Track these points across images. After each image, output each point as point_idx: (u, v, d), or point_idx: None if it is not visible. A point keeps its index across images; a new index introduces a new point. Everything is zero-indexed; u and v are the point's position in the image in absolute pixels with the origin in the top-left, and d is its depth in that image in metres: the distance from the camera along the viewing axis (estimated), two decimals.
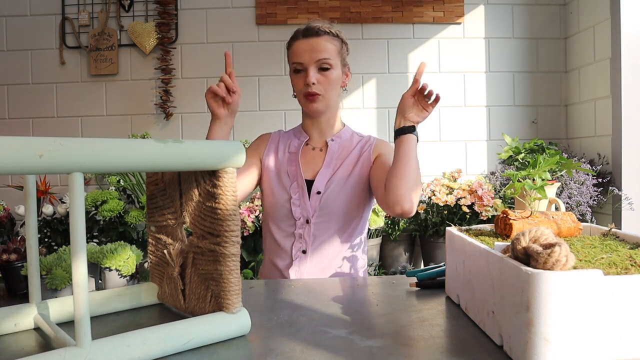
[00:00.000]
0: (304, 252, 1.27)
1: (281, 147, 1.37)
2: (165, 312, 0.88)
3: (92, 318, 0.80)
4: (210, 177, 0.75)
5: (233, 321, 0.73)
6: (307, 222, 1.27)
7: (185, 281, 0.83)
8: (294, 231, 1.28)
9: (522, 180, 0.92)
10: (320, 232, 1.27)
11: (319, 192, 1.28)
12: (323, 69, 1.27)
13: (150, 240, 0.92)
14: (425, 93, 1.19)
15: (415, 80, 1.20)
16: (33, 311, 0.77)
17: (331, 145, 1.35)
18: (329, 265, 1.28)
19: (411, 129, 1.20)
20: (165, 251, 0.86)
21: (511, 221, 0.81)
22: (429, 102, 1.22)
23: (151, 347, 0.64)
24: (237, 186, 0.73)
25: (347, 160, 1.33)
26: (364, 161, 1.32)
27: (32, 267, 0.75)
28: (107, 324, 0.81)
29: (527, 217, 0.82)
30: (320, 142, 1.37)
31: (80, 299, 0.58)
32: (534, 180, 0.90)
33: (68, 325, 0.79)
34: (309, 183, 1.30)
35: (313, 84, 1.26)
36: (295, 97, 1.36)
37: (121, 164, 0.61)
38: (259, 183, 1.37)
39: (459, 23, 2.57)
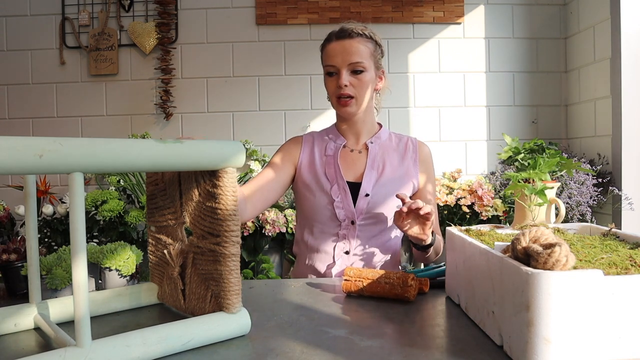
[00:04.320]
0: (347, 252, 1.27)
1: (317, 150, 1.36)
2: (165, 312, 0.88)
3: (93, 318, 0.80)
4: (210, 177, 0.74)
5: (233, 321, 0.73)
6: (352, 223, 1.27)
7: (185, 281, 0.83)
8: (338, 232, 1.28)
9: (522, 181, 0.92)
10: (364, 233, 1.28)
11: (367, 195, 1.27)
12: (356, 71, 1.26)
13: (150, 240, 0.92)
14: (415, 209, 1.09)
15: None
16: (33, 311, 0.77)
17: (372, 147, 1.34)
18: (371, 263, 1.29)
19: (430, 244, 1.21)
20: (165, 251, 0.86)
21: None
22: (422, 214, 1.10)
23: (151, 347, 0.64)
24: (256, 189, 0.74)
25: (391, 161, 1.33)
26: (410, 162, 1.34)
27: (32, 267, 0.75)
28: (107, 324, 0.81)
29: None
30: (358, 144, 1.36)
31: (80, 299, 0.58)
32: (533, 181, 0.90)
33: (68, 325, 0.79)
34: (350, 185, 1.29)
35: (345, 86, 1.25)
36: (329, 100, 1.34)
37: (121, 164, 0.61)
38: (293, 187, 1.37)
39: (459, 23, 2.57)
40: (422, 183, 1.35)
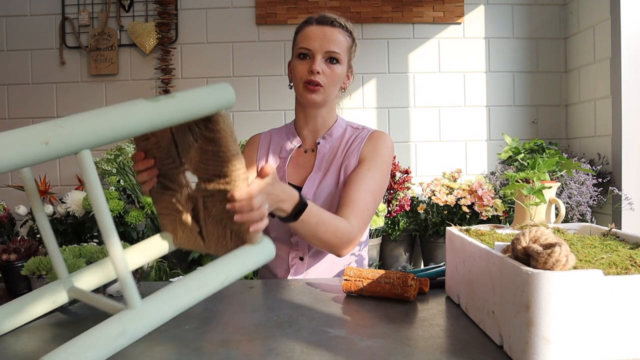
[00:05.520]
0: (302, 259, 1.23)
1: (271, 152, 1.30)
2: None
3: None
4: (205, 123, 0.74)
5: (259, 251, 0.78)
6: None
7: (201, 224, 0.84)
8: (290, 238, 1.23)
9: (520, 181, 0.92)
10: None
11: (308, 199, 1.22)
12: (331, 60, 1.20)
13: (154, 194, 0.90)
14: None
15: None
16: (65, 286, 0.78)
17: (320, 147, 1.27)
18: (327, 269, 1.25)
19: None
20: (173, 200, 0.85)
21: None
22: None
23: (195, 293, 0.68)
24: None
25: (336, 160, 1.24)
26: (352, 159, 1.22)
27: (51, 245, 0.75)
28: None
29: None
30: (311, 142, 1.29)
31: (121, 267, 0.60)
32: (531, 181, 0.90)
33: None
34: (297, 189, 1.20)
35: (318, 72, 1.18)
36: (291, 87, 1.27)
37: (122, 131, 0.60)
38: None
39: (459, 23, 2.57)
40: (353, 167, 1.21)
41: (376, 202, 1.21)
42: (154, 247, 0.89)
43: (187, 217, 0.84)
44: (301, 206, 0.98)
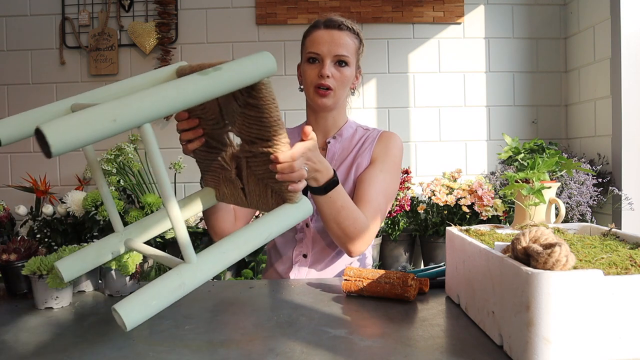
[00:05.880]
0: (305, 256, 1.25)
1: None
2: None
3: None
4: (248, 90, 0.78)
5: (298, 209, 0.84)
6: (307, 225, 1.25)
7: (244, 181, 0.90)
8: (295, 235, 1.26)
9: (520, 181, 0.92)
10: (320, 236, 1.24)
11: None
12: (340, 63, 1.22)
13: (197, 153, 0.95)
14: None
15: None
16: (120, 239, 0.88)
17: (330, 146, 1.30)
18: (330, 268, 1.26)
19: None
20: (219, 158, 0.91)
21: None
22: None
23: (242, 248, 0.74)
24: None
25: (347, 160, 1.28)
26: (364, 158, 1.26)
27: (108, 201, 0.86)
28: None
29: None
30: (321, 142, 1.31)
31: (180, 227, 0.67)
32: (531, 182, 0.90)
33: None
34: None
35: (328, 76, 1.20)
36: (301, 90, 1.29)
37: (179, 103, 0.65)
38: None
39: (459, 23, 2.57)
40: (365, 166, 1.25)
41: (388, 203, 1.24)
42: (200, 201, 0.96)
43: (232, 175, 0.90)
44: (333, 182, 1.04)
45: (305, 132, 0.92)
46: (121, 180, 2.25)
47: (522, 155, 1.00)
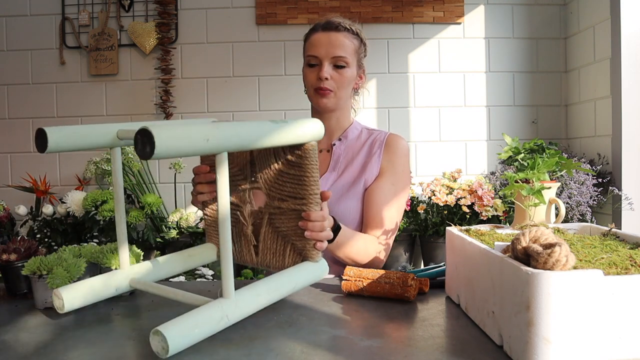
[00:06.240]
0: None
1: None
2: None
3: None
4: (294, 149, 0.86)
5: (318, 267, 0.88)
6: None
7: (260, 239, 0.94)
8: None
9: (519, 182, 0.92)
10: None
11: None
12: (338, 66, 1.23)
13: (208, 205, 0.99)
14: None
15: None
16: (126, 276, 0.88)
17: (336, 148, 1.30)
18: (337, 269, 1.26)
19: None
20: (238, 212, 0.94)
21: None
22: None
23: (272, 293, 0.79)
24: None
25: (354, 163, 1.28)
26: (373, 165, 1.26)
27: (122, 235, 0.88)
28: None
29: None
30: (326, 143, 1.32)
31: (227, 262, 0.71)
32: (531, 182, 0.90)
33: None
34: None
35: (326, 79, 1.22)
36: (306, 92, 1.30)
37: (252, 142, 0.72)
38: None
39: (459, 23, 2.57)
40: (375, 176, 1.26)
41: (401, 213, 1.28)
42: (199, 256, 0.99)
43: (247, 231, 0.94)
44: (337, 228, 1.06)
45: (326, 195, 0.92)
46: None
47: (522, 155, 1.00)
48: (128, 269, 0.89)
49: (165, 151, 0.58)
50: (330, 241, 1.03)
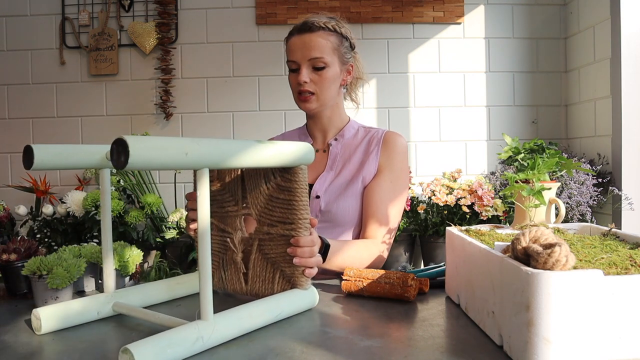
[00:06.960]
0: None
1: None
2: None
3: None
4: (283, 173, 0.85)
5: (307, 296, 0.85)
6: None
7: (249, 266, 0.90)
8: None
9: (519, 182, 0.91)
10: (324, 235, 1.24)
11: (317, 197, 1.24)
12: (317, 68, 1.21)
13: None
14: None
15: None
16: (111, 300, 0.85)
17: (332, 147, 1.30)
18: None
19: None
20: (228, 239, 0.92)
21: None
22: None
23: (255, 319, 0.76)
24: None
25: (351, 162, 1.27)
26: (371, 163, 1.26)
27: (108, 259, 0.85)
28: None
29: None
30: (323, 143, 1.32)
31: (206, 283, 0.69)
32: (531, 182, 0.90)
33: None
34: (312, 187, 1.26)
35: (305, 82, 1.21)
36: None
37: (235, 161, 0.71)
38: None
39: (459, 23, 2.57)
40: (373, 175, 1.25)
41: (400, 210, 1.27)
42: (187, 284, 0.98)
43: (237, 258, 0.92)
44: (326, 247, 1.03)
45: (314, 223, 0.91)
46: (121, 181, 2.25)
47: (522, 155, 1.00)
48: (112, 293, 0.86)
49: (141, 162, 0.57)
50: (323, 261, 1.01)
